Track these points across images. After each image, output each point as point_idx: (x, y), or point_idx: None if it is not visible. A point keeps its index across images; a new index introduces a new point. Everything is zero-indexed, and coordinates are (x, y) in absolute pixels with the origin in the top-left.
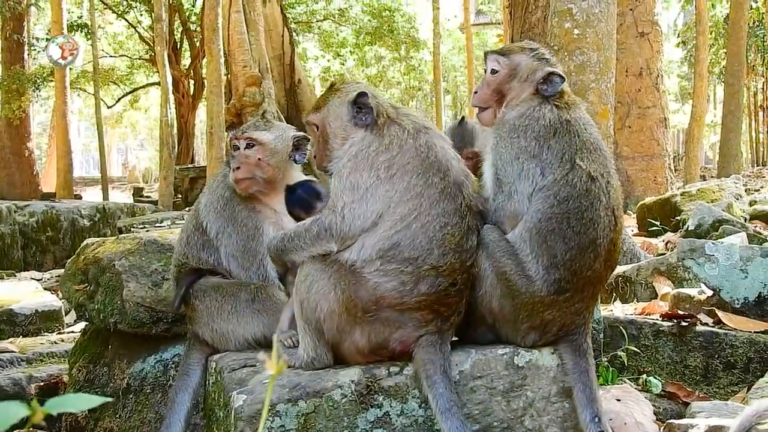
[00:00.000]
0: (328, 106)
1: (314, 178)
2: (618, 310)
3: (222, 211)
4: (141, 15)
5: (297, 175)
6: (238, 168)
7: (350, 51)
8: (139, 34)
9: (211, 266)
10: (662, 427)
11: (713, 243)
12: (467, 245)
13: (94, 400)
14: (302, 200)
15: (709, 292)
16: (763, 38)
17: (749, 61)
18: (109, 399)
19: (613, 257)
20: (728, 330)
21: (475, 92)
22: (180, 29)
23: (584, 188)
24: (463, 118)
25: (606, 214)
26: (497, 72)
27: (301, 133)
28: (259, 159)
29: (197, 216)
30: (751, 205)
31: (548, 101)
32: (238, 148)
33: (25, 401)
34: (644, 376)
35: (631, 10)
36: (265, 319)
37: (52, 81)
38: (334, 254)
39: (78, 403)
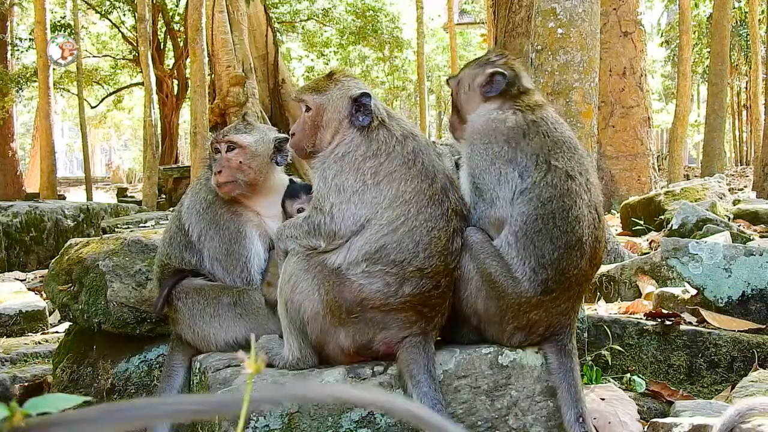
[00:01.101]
0: (330, 94)
1: (298, 179)
2: (602, 309)
3: (204, 214)
4: (124, 15)
5: (280, 176)
6: (219, 172)
7: (334, 51)
8: (122, 34)
9: (193, 267)
10: (646, 426)
11: (697, 242)
12: (452, 248)
13: (73, 400)
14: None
15: (693, 291)
16: (747, 37)
17: (733, 61)
18: (89, 398)
19: (598, 255)
20: (712, 329)
21: (449, 120)
22: (163, 29)
23: (565, 187)
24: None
25: (589, 211)
26: (452, 92)
27: (283, 135)
28: (240, 162)
29: (180, 217)
30: (734, 204)
31: (508, 105)
32: (219, 151)
33: (8, 401)
34: (628, 375)
35: (614, 9)
36: (248, 323)
37: (35, 81)
38: (319, 256)
39: (58, 403)
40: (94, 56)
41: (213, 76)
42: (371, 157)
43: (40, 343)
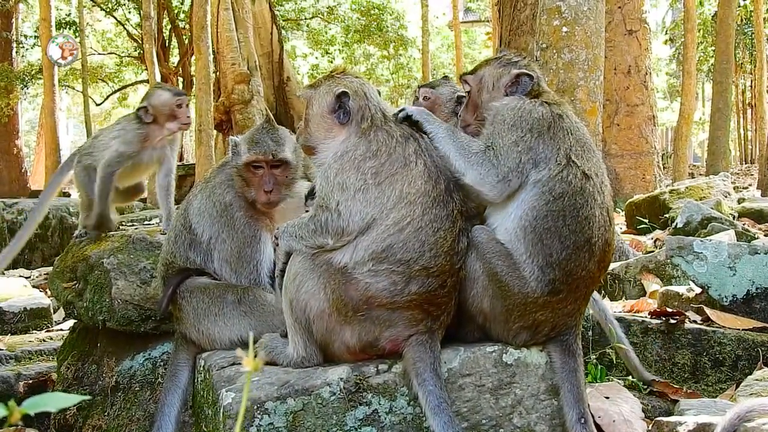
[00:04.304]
0: (319, 90)
1: (309, 183)
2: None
3: (219, 217)
4: (129, 12)
5: (299, 181)
6: (271, 191)
7: (339, 49)
8: (127, 31)
9: (198, 266)
10: (651, 425)
11: (702, 240)
12: (458, 248)
13: (71, 399)
14: None
15: (698, 290)
16: (751, 36)
17: (737, 59)
18: (87, 397)
19: (607, 258)
20: (716, 327)
21: (459, 115)
22: (169, 27)
23: (579, 186)
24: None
25: (601, 213)
26: (470, 91)
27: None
28: (286, 177)
29: (186, 216)
30: (739, 202)
31: (535, 98)
32: (262, 167)
33: (13, 399)
34: (631, 376)
35: (619, 7)
36: (252, 321)
37: (40, 78)
38: (324, 255)
39: (55, 402)
40: (99, 54)
41: (218, 73)
42: (371, 157)
43: (44, 340)
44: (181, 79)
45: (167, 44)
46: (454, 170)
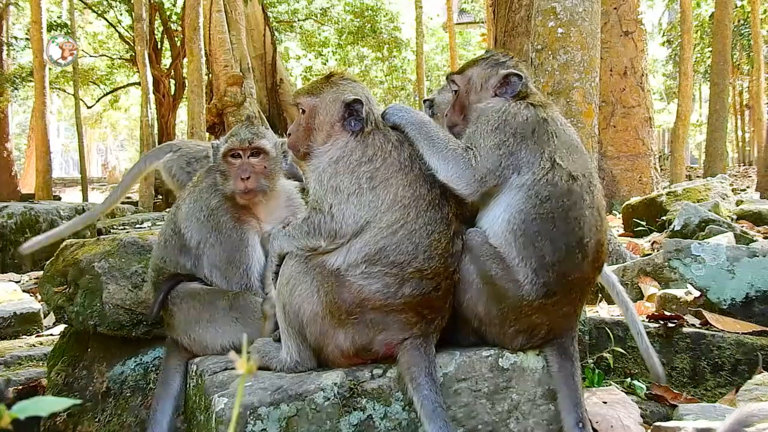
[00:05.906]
0: (323, 97)
1: (297, 183)
2: (604, 311)
3: (206, 221)
4: (121, 14)
5: (282, 181)
6: (247, 178)
7: (332, 51)
8: (119, 33)
9: (188, 271)
10: (649, 430)
11: (699, 243)
12: (453, 250)
13: (61, 403)
14: None
15: (696, 293)
16: (749, 37)
17: (734, 60)
18: (78, 401)
19: (600, 258)
20: (715, 331)
21: (446, 115)
22: (161, 29)
23: (566, 187)
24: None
25: (591, 213)
26: (457, 91)
27: (283, 139)
28: (264, 167)
29: (176, 221)
30: (737, 204)
31: (522, 100)
32: (240, 157)
33: (3, 405)
34: (628, 379)
35: (615, 9)
36: (243, 327)
37: (31, 81)
38: (318, 258)
39: (46, 406)
40: (90, 56)
41: (210, 75)
42: (366, 162)
43: (34, 345)
44: (173, 82)
45: (159, 46)
46: (428, 166)
